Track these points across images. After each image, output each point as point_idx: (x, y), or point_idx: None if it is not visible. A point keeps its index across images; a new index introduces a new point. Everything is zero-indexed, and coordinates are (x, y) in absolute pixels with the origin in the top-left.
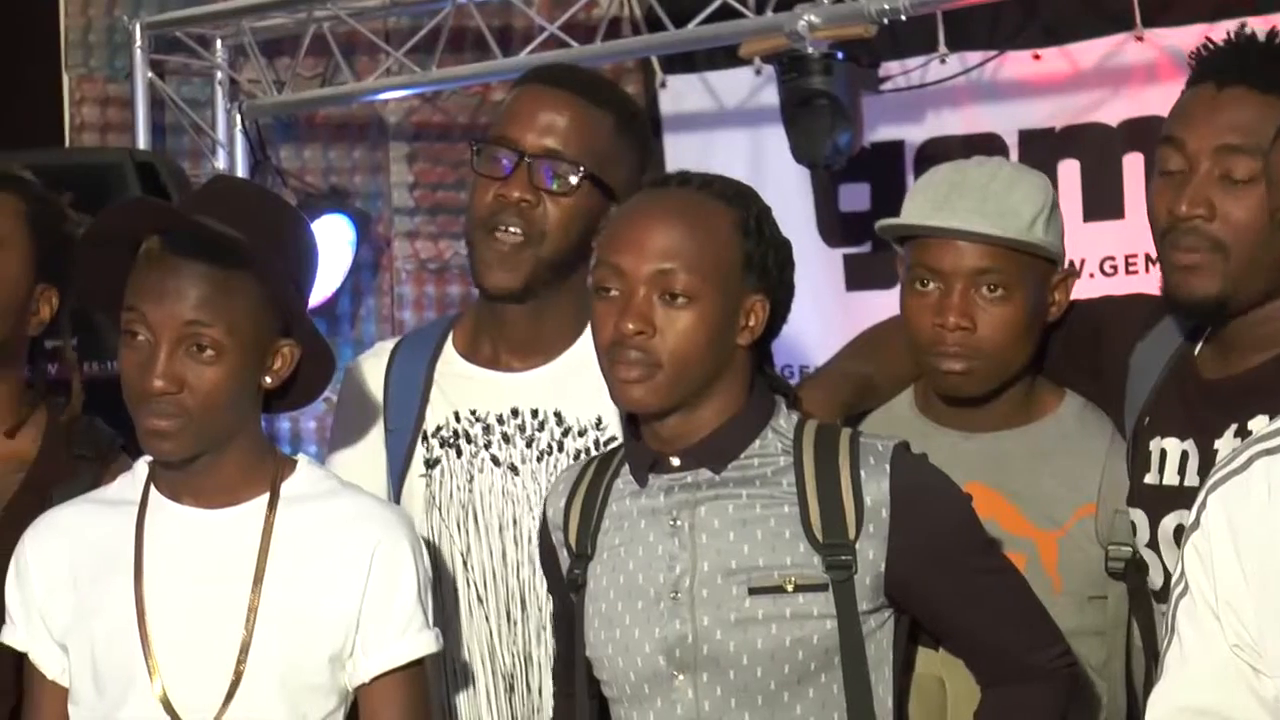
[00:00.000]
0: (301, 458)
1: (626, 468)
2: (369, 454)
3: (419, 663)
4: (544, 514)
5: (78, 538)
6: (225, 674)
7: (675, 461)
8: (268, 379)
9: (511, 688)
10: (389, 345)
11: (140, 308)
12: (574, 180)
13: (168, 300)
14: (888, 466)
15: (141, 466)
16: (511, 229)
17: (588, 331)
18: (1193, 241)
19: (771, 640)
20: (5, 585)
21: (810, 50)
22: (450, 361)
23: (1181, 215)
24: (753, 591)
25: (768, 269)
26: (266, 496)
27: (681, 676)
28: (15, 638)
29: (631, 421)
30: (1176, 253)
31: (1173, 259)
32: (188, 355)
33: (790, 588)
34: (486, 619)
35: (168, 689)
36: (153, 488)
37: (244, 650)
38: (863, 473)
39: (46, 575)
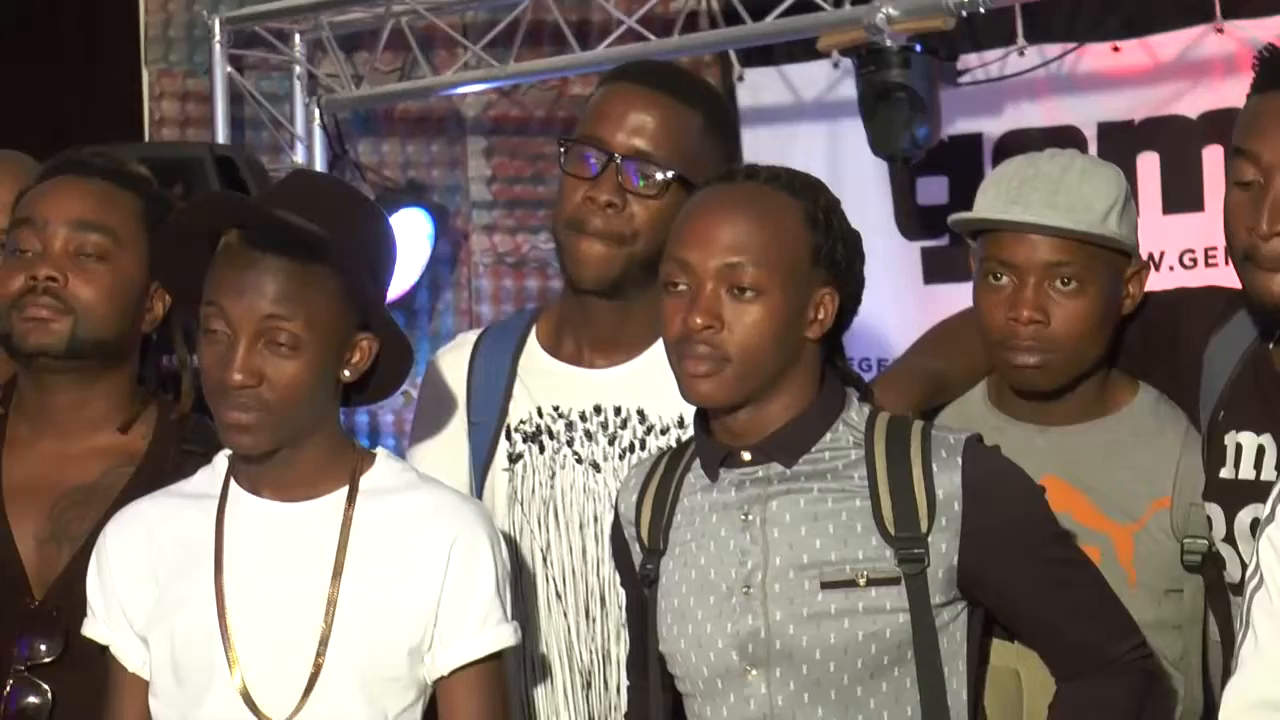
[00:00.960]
0: (380, 451)
1: (698, 462)
2: (451, 447)
3: (497, 656)
4: (616, 508)
5: (158, 531)
6: (304, 667)
7: (746, 456)
8: (346, 373)
9: (589, 685)
10: (471, 338)
11: (220, 302)
12: (662, 182)
13: (247, 295)
14: (959, 459)
15: (221, 460)
16: (599, 230)
17: None
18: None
19: (844, 635)
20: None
21: (889, 43)
22: (533, 356)
23: (1263, 235)
24: (825, 586)
25: (836, 261)
26: (345, 490)
27: (755, 671)
28: (97, 630)
29: (702, 416)
30: (1260, 273)
31: (1258, 281)
32: (266, 349)
33: (863, 582)
34: (565, 615)
35: (247, 682)
36: (232, 481)
37: (323, 643)
38: (935, 465)
39: (127, 568)
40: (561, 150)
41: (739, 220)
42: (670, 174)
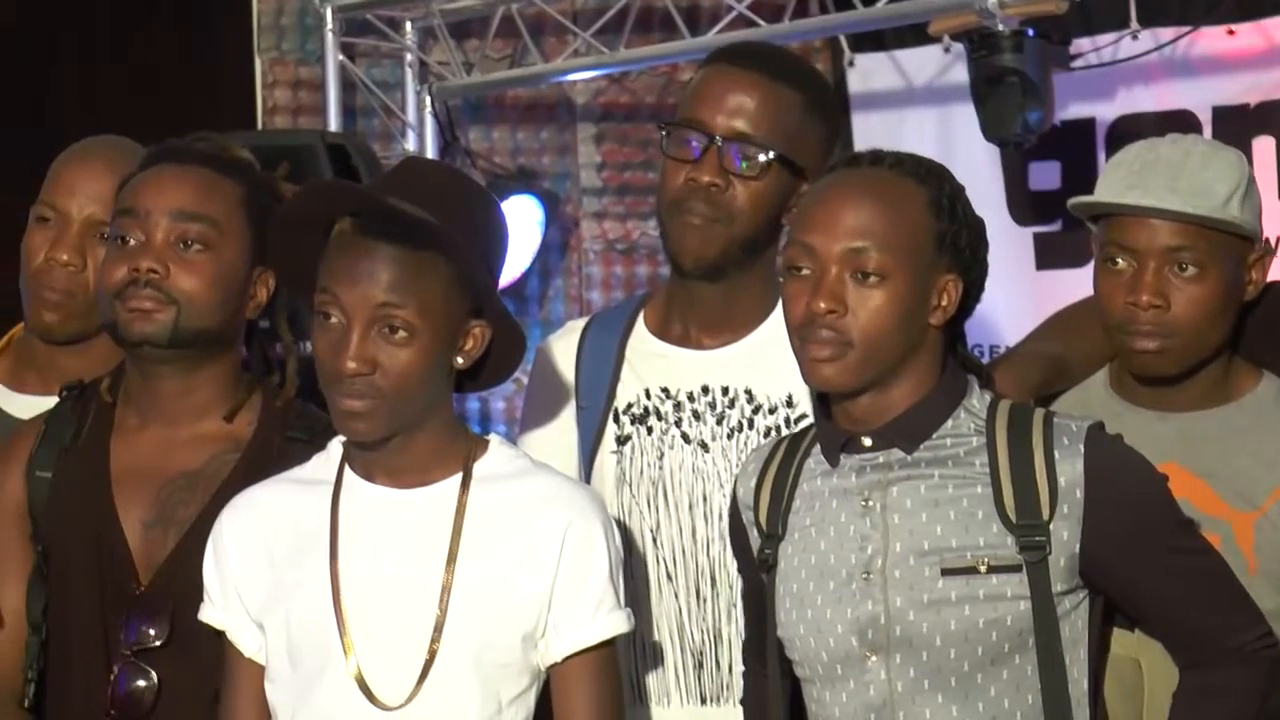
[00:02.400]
0: (494, 437)
1: (818, 447)
2: (560, 431)
3: (610, 642)
4: (734, 493)
5: (274, 517)
6: (419, 653)
7: (867, 441)
8: (459, 360)
9: (700, 664)
10: (580, 324)
11: (333, 289)
12: (764, 163)
13: (360, 282)
14: (1082, 446)
15: (336, 446)
16: (702, 213)
17: (778, 309)
18: None
19: (965, 621)
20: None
21: (1001, 27)
22: (642, 339)
23: None
24: (945, 573)
25: (960, 248)
26: (459, 476)
27: (874, 657)
28: (213, 615)
29: (823, 401)
30: None
31: None
32: (380, 336)
33: (983, 569)
34: (676, 596)
35: (362, 667)
36: (347, 467)
37: (438, 629)
38: (1057, 453)
39: (243, 554)
40: (663, 134)
41: (864, 205)
42: (771, 155)
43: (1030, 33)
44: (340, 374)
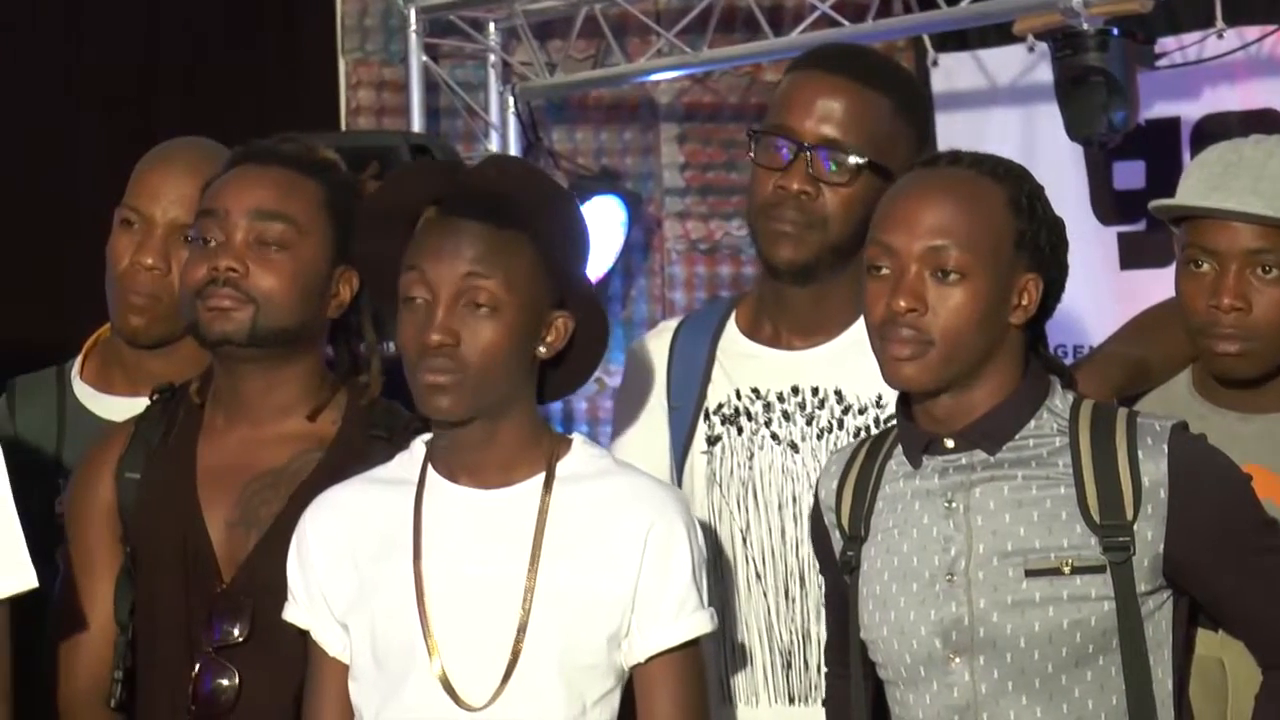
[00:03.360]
0: (576, 437)
1: (899, 449)
2: (652, 432)
3: (694, 642)
4: (816, 495)
5: (357, 517)
6: (503, 653)
7: (949, 443)
8: (542, 349)
9: (789, 665)
10: (672, 325)
11: (420, 265)
12: (853, 168)
13: (446, 256)
14: (1165, 446)
15: (419, 445)
16: (793, 220)
17: None
18: None
19: (1049, 623)
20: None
21: (1085, 26)
22: (732, 340)
23: None
24: (1029, 574)
25: (1040, 247)
26: (542, 476)
27: (958, 659)
28: (297, 615)
29: (905, 402)
30: None
31: None
32: (465, 310)
33: (1067, 570)
34: (765, 596)
35: (447, 668)
36: (430, 467)
37: (521, 630)
38: (1140, 453)
39: (327, 554)
40: (751, 140)
41: (943, 204)
42: (861, 160)
43: (1115, 32)
44: (425, 347)
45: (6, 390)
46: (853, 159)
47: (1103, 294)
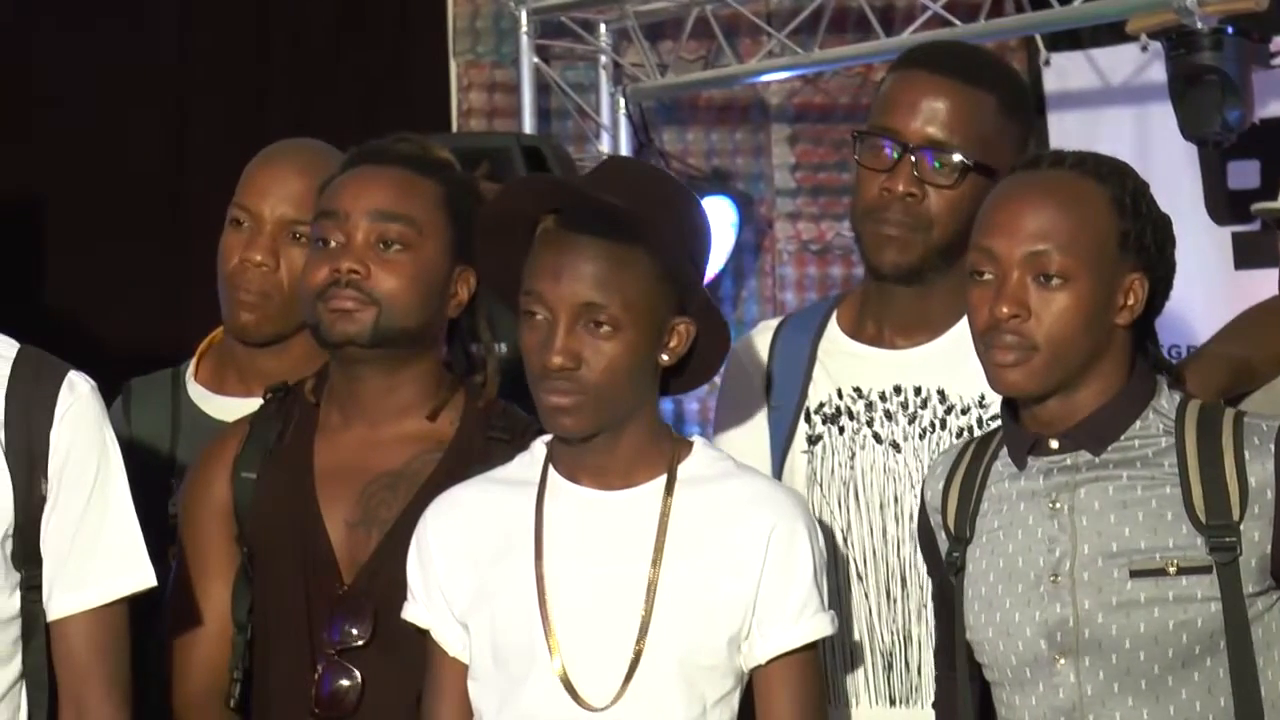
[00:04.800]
0: (697, 439)
1: (1005, 450)
2: (752, 431)
3: (813, 645)
4: (922, 496)
5: (478, 517)
6: (624, 654)
7: (1054, 444)
8: (664, 357)
9: (890, 665)
10: (773, 324)
11: (537, 288)
12: (959, 169)
13: (564, 278)
14: (1273, 446)
15: (539, 446)
16: (898, 221)
17: None
18: None
19: (1154, 624)
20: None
21: (1199, 25)
22: (834, 339)
23: None
24: (1134, 574)
25: (1145, 246)
26: (663, 478)
27: (1063, 660)
28: (417, 615)
29: (1010, 404)
30: None
31: None
32: (585, 330)
33: (1173, 570)
34: (866, 596)
35: (567, 668)
36: (551, 468)
37: (643, 631)
38: (1247, 453)
39: (447, 554)
40: (855, 141)
41: (1044, 207)
42: (966, 161)
43: (1229, 30)
44: (546, 369)
45: (122, 392)
46: (958, 159)
47: (1216, 294)
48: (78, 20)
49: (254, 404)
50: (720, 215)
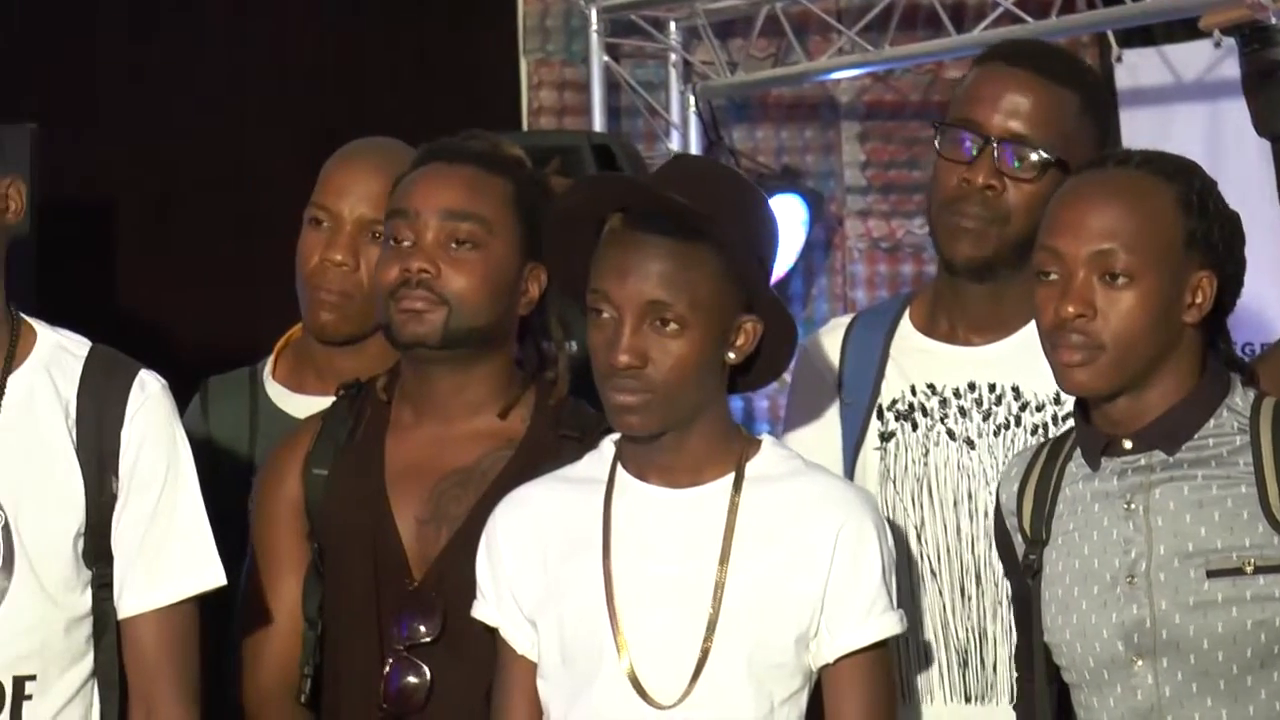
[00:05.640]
0: (766, 437)
1: (1079, 451)
2: (824, 428)
3: (883, 643)
4: (997, 499)
5: (547, 515)
6: (692, 652)
7: (1127, 444)
8: (731, 355)
9: (965, 663)
10: (845, 321)
11: (603, 287)
12: (1039, 164)
13: (630, 277)
14: None
15: (608, 445)
16: (976, 214)
17: None
18: None
19: (1232, 624)
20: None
21: (1274, 21)
22: (907, 336)
23: None
24: (1211, 574)
25: (1213, 244)
26: (732, 476)
27: (1141, 662)
28: (486, 613)
29: (1082, 405)
30: None
31: None
32: (651, 330)
33: (1250, 569)
34: (940, 593)
35: (636, 666)
36: (620, 466)
37: (710, 629)
38: None
39: (517, 552)
40: (936, 133)
41: (1110, 206)
42: (1046, 156)
43: None
44: (613, 368)
45: (200, 390)
46: (1039, 155)
47: None
48: (143, 23)
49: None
50: (790, 213)
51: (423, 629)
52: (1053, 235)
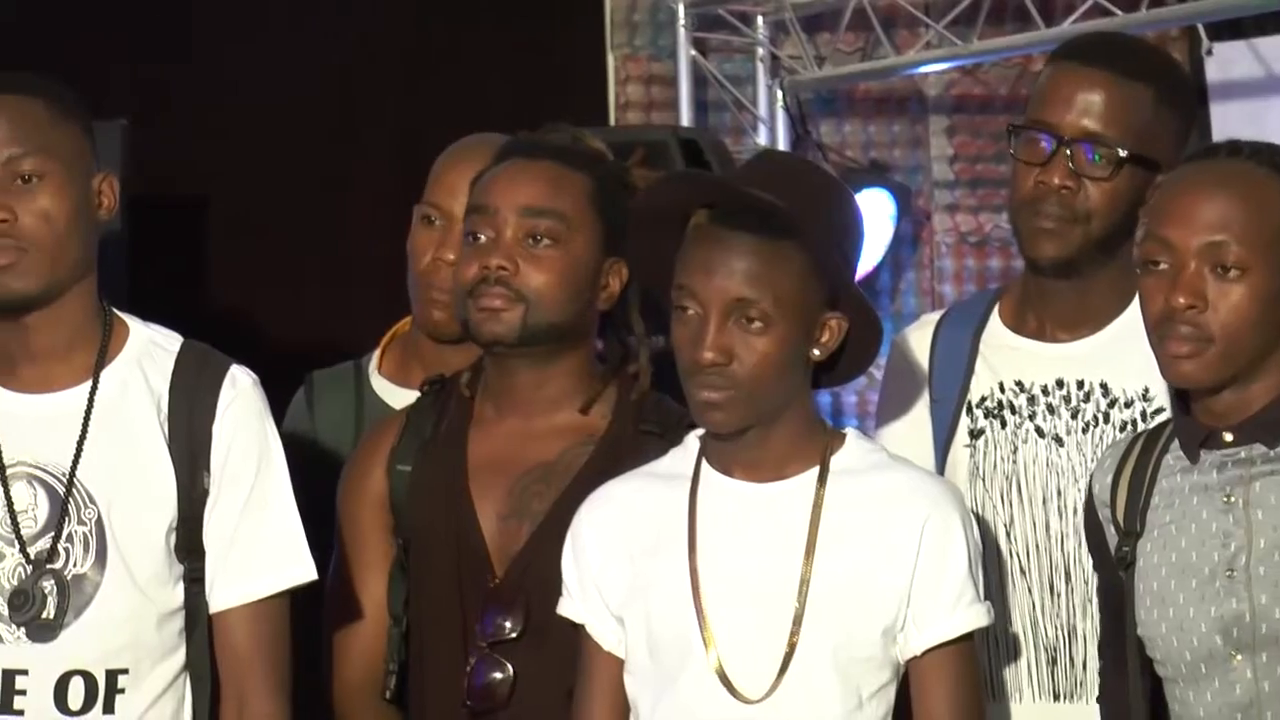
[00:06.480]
0: (850, 431)
1: (1176, 443)
2: (915, 424)
3: (969, 636)
4: (1089, 490)
5: (632, 511)
6: (779, 646)
7: (1228, 437)
8: (815, 352)
9: (1054, 660)
10: (934, 317)
11: (689, 283)
12: (1115, 162)
13: (715, 274)
14: None
15: (692, 440)
16: (1055, 215)
17: (1135, 302)
18: None
19: None
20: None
21: None
22: (996, 333)
23: None
24: None
25: None
26: (816, 470)
27: (1239, 656)
28: (572, 609)
29: (1181, 396)
30: None
31: None
32: (736, 326)
33: None
34: (1029, 591)
35: (723, 661)
36: (704, 462)
37: (796, 622)
38: None
39: (602, 549)
40: (1010, 135)
41: (1221, 198)
42: (1123, 153)
43: None
44: (698, 364)
45: (305, 384)
46: (1114, 151)
47: None
48: (238, 20)
49: None
50: (878, 208)
51: (506, 625)
52: (1163, 225)
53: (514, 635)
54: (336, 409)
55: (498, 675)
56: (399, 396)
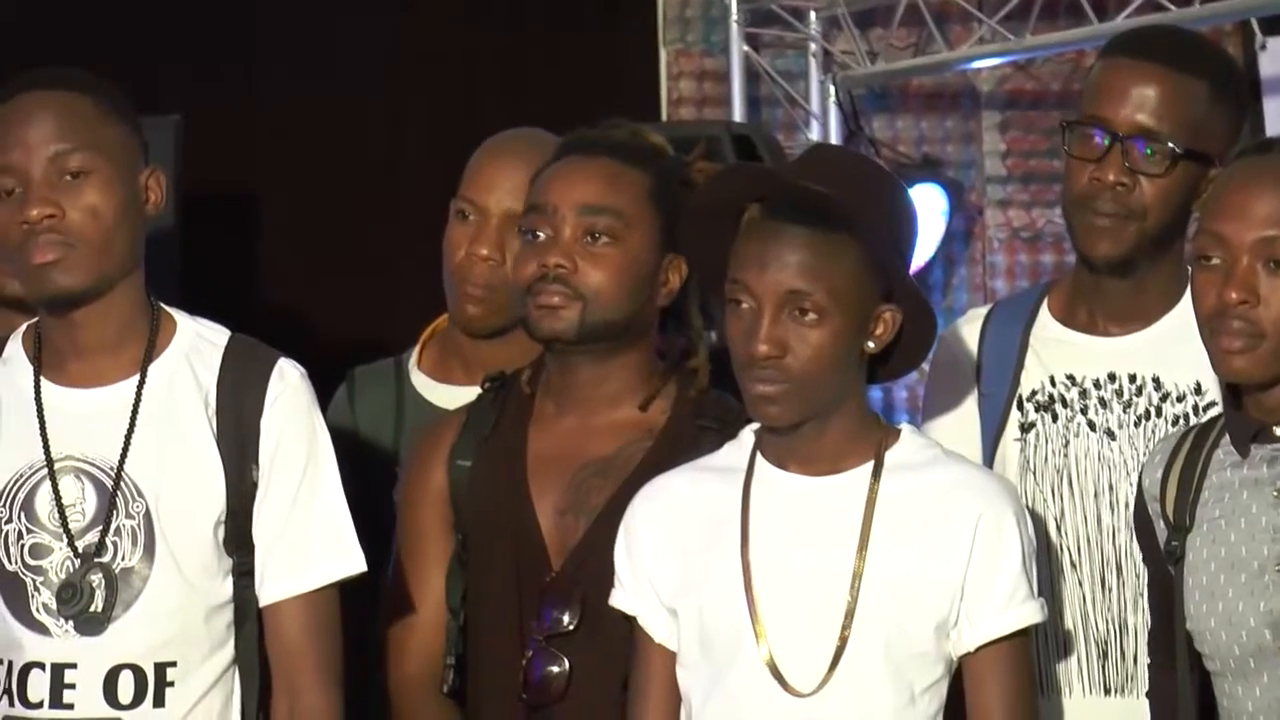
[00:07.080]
0: (905, 426)
1: (1227, 438)
2: (963, 418)
3: (1024, 632)
4: (1139, 484)
5: (686, 504)
6: (830, 640)
7: (1279, 431)
8: (870, 344)
9: (1105, 654)
10: (983, 311)
11: (742, 277)
12: (1170, 157)
13: (769, 267)
14: None
15: (748, 434)
16: (1109, 212)
17: (1187, 296)
18: None
19: None
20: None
21: None
22: (1046, 326)
23: None
24: None
25: None
26: (871, 464)
27: None
28: (624, 601)
29: (1233, 391)
30: None
31: None
32: (790, 319)
33: None
34: (1080, 585)
35: (774, 654)
36: (759, 455)
37: (849, 616)
38: None
39: (655, 541)
40: (1064, 131)
41: (1275, 193)
42: (1177, 149)
43: None
44: (752, 358)
45: (346, 381)
46: (1168, 147)
47: None
48: (291, 16)
49: (477, 394)
50: (931, 203)
51: (563, 619)
52: (1217, 220)
53: (570, 628)
54: (376, 404)
55: (554, 668)
56: (438, 392)
